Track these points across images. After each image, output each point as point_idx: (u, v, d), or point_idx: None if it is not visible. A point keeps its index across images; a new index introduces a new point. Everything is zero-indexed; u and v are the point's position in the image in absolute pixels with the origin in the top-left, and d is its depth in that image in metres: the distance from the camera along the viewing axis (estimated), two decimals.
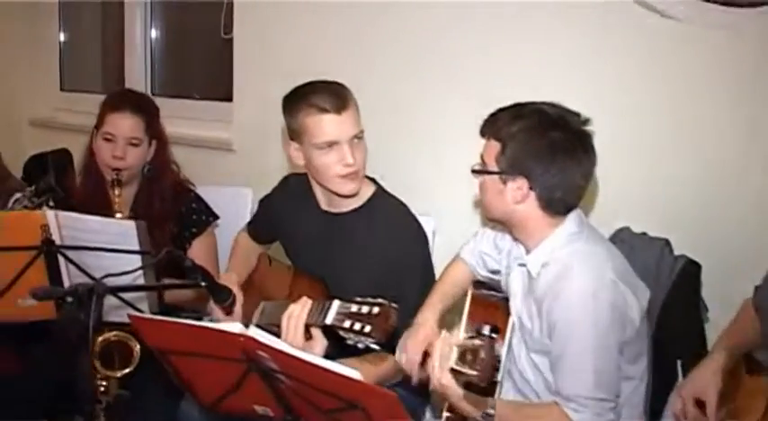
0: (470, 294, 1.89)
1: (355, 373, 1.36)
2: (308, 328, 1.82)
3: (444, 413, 1.86)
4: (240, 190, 2.80)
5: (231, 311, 2.13)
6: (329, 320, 1.71)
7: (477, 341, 1.44)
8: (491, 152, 1.78)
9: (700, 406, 1.76)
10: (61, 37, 4.45)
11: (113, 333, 2.17)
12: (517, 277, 1.88)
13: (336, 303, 1.72)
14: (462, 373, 1.46)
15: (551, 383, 1.80)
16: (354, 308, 1.67)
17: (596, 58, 2.39)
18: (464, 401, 1.62)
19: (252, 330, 1.47)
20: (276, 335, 1.51)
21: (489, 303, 1.88)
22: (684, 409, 1.78)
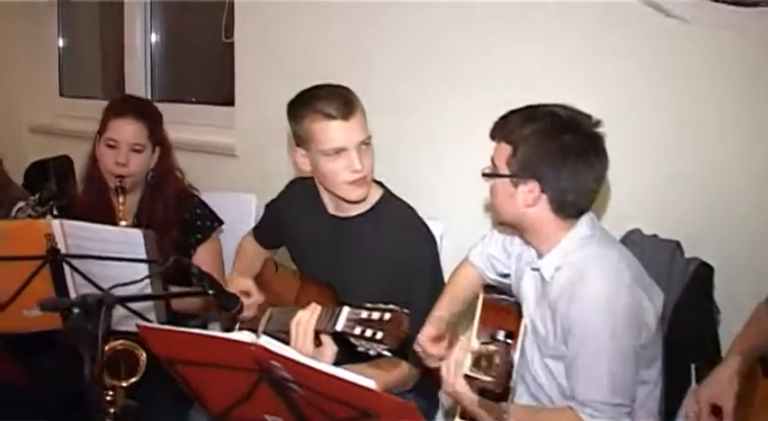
0: (481, 298, 1.86)
1: (370, 382, 1.33)
2: (318, 335, 1.80)
3: (457, 418, 1.84)
4: (244, 195, 2.78)
5: (238, 317, 2.11)
6: (339, 327, 1.68)
7: (491, 347, 1.41)
8: (502, 155, 1.76)
9: (716, 411, 1.74)
10: (60, 42, 4.43)
11: (119, 342, 2.15)
12: (529, 281, 1.86)
13: (346, 309, 1.70)
14: (477, 379, 1.43)
15: (565, 388, 1.78)
16: (365, 314, 1.64)
17: (597, 58, 2.37)
18: (479, 408, 1.60)
19: (263, 339, 1.44)
20: (284, 341, 1.49)
21: (501, 307, 1.86)
22: (700, 414, 1.76)
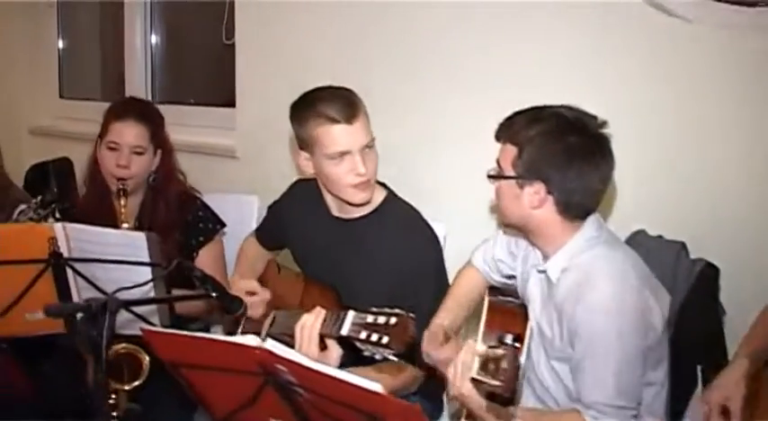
0: (487, 301, 1.85)
1: (377, 386, 1.32)
2: (322, 339, 1.79)
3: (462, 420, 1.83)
4: (246, 197, 2.77)
5: (241, 320, 2.10)
6: (345, 331, 1.67)
7: (499, 350, 1.40)
8: (507, 156, 1.75)
9: (725, 413, 1.73)
10: (60, 44, 4.42)
11: (122, 345, 2.14)
12: (535, 283, 1.85)
13: (351, 314, 1.68)
14: (484, 383, 1.42)
15: (571, 390, 1.77)
16: (370, 318, 1.63)
17: (597, 58, 2.36)
18: (487, 412, 1.59)
19: (268, 343, 1.43)
20: (288, 344, 1.48)
21: (506, 309, 1.84)
22: (710, 416, 1.75)
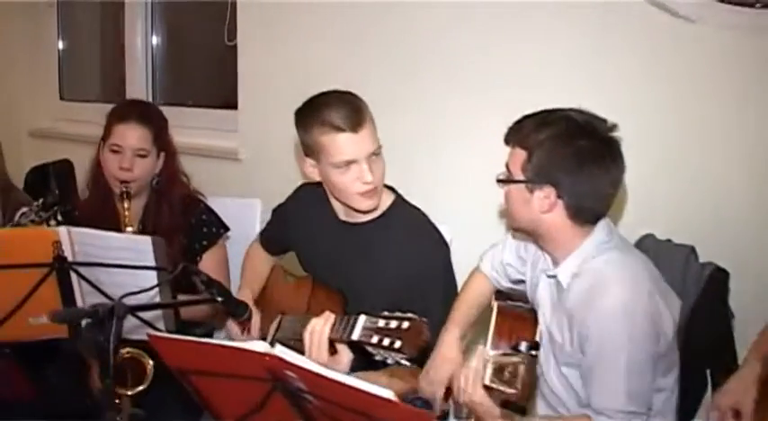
0: (496, 306, 1.84)
1: (389, 393, 1.30)
2: (333, 343, 1.77)
3: None
4: (249, 200, 2.74)
5: (248, 326, 2.08)
6: (356, 336, 1.65)
7: (514, 358, 1.39)
8: (517, 160, 1.73)
9: (736, 417, 1.72)
10: (60, 45, 4.40)
11: (126, 350, 2.11)
12: (545, 288, 1.83)
13: (363, 318, 1.66)
14: (498, 391, 1.41)
15: (581, 397, 1.75)
16: (382, 322, 1.61)
17: (598, 58, 2.36)
18: (501, 419, 1.57)
19: (278, 349, 1.41)
20: (294, 349, 1.46)
21: (516, 314, 1.84)
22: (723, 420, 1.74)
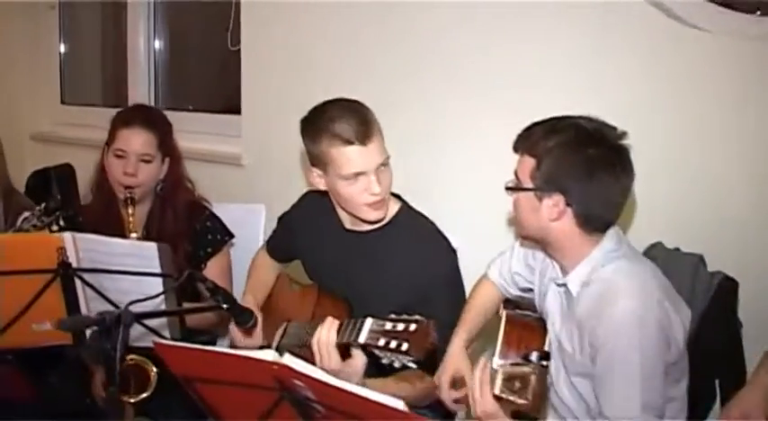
0: (504, 315, 1.83)
1: (399, 403, 1.29)
2: (346, 347, 1.75)
3: None
4: (253, 206, 2.73)
5: (252, 333, 2.06)
6: (362, 339, 1.64)
7: (525, 368, 1.37)
8: (525, 168, 1.72)
9: None
10: (62, 48, 4.38)
11: (129, 356, 2.09)
12: (554, 297, 1.82)
13: (369, 321, 1.65)
14: (509, 401, 1.39)
15: (590, 405, 1.74)
16: (389, 325, 1.60)
17: (597, 58, 2.37)
18: None
19: (286, 358, 1.40)
20: (300, 357, 1.44)
21: (524, 323, 1.82)
22: None
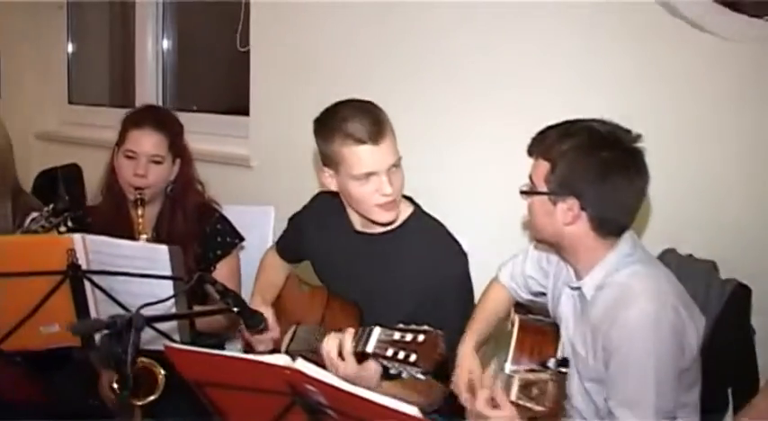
0: (518, 320, 1.81)
1: (413, 409, 1.28)
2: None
3: None
4: (263, 208, 2.72)
5: (262, 336, 2.05)
6: (370, 348, 1.63)
7: (543, 375, 1.36)
8: (540, 172, 1.71)
9: None
10: (69, 47, 4.38)
11: (138, 359, 2.08)
12: (567, 301, 1.81)
13: (377, 330, 1.63)
14: (526, 408, 1.37)
15: (602, 410, 1.72)
16: (397, 335, 1.59)
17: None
18: None
19: (298, 362, 1.39)
20: (310, 361, 1.43)
21: (537, 329, 1.81)
22: None
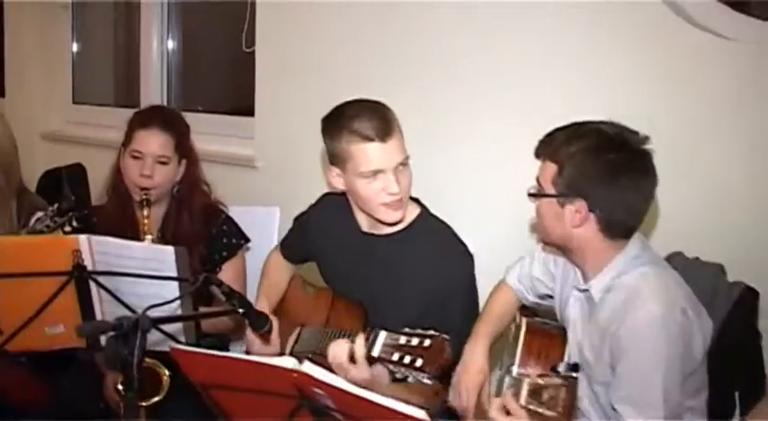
0: (525, 323, 1.81)
1: (421, 413, 1.27)
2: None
3: None
4: (268, 209, 2.71)
5: (269, 338, 2.04)
6: (376, 352, 1.62)
7: (555, 380, 1.35)
8: (547, 174, 1.71)
9: None
10: (74, 47, 4.37)
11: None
12: (575, 304, 1.80)
13: (383, 334, 1.62)
14: (537, 413, 1.36)
15: (608, 412, 1.71)
16: (403, 339, 1.58)
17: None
18: None
19: (306, 365, 1.38)
20: (316, 363, 1.42)
21: (544, 332, 1.81)
22: None
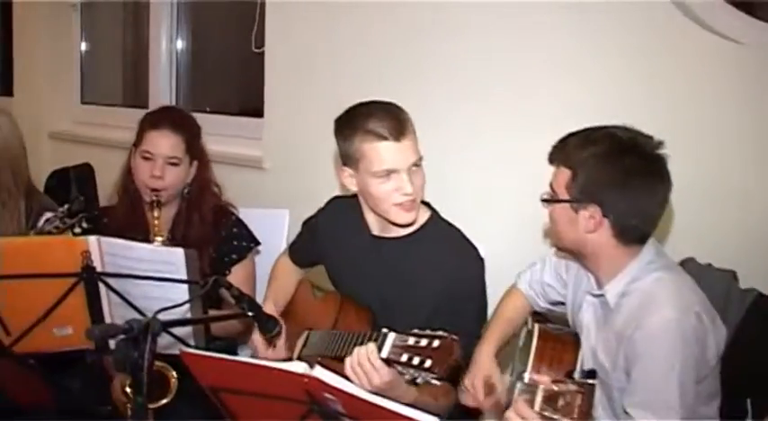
0: (537, 329, 1.79)
1: (433, 419, 1.26)
2: None
3: None
4: (277, 211, 2.70)
5: (276, 343, 2.03)
6: (384, 353, 1.61)
7: (571, 386, 1.33)
8: (561, 179, 1.71)
9: None
10: (82, 47, 4.38)
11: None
12: (589, 309, 1.79)
13: (392, 335, 1.61)
14: (552, 420, 1.34)
15: (618, 413, 1.70)
16: (412, 340, 1.57)
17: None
18: None
19: (317, 371, 1.37)
20: (324, 366, 1.41)
21: (557, 338, 1.79)
22: None
